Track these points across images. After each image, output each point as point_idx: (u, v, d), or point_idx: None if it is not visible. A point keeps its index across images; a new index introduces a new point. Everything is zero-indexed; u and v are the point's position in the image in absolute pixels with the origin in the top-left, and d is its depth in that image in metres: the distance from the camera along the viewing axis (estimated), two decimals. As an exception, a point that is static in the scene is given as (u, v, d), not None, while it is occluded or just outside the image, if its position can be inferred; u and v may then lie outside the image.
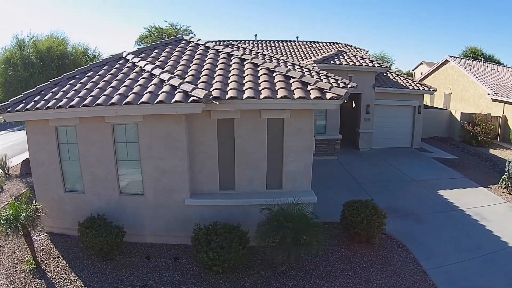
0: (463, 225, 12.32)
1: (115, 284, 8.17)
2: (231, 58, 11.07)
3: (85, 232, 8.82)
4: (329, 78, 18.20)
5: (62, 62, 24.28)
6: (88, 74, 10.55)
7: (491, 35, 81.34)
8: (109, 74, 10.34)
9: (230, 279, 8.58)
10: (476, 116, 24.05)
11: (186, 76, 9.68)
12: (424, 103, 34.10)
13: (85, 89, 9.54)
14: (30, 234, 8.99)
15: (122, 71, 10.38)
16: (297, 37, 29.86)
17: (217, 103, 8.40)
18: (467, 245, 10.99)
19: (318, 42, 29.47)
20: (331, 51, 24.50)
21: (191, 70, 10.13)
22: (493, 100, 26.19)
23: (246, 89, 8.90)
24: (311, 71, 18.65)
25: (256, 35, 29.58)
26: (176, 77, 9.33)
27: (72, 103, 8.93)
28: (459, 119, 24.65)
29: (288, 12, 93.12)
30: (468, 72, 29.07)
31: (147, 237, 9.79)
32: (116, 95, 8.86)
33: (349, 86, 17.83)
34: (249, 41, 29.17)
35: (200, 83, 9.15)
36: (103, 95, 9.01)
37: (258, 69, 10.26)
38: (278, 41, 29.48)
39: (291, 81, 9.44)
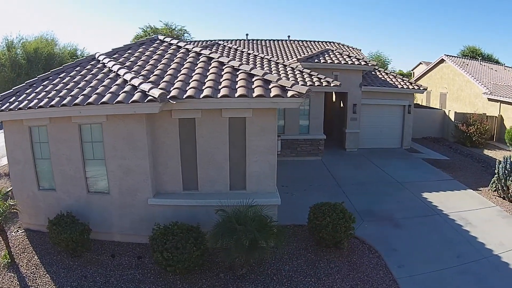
0: (444, 230, 11.36)
1: (79, 280, 8.30)
2: (199, 57, 10.82)
3: (52, 229, 8.95)
4: (312, 77, 17.56)
5: (49, 62, 23.91)
6: (61, 75, 10.62)
7: (491, 35, 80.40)
8: (79, 75, 10.34)
9: (188, 280, 8.34)
10: (470, 116, 22.99)
11: (151, 76, 9.56)
12: (419, 102, 33.77)
13: (55, 90, 9.66)
14: (4, 229, 9.21)
15: (92, 72, 10.40)
16: (289, 36, 29.12)
17: (174, 102, 8.21)
18: (446, 253, 10.05)
19: (310, 41, 28.58)
20: (321, 49, 23.51)
21: (157, 70, 9.97)
22: (489, 99, 25.09)
23: (205, 88, 8.66)
24: (294, 70, 17.98)
25: (247, 34, 28.98)
26: (140, 77, 9.28)
27: (41, 103, 9.05)
28: (453, 119, 23.57)
29: (290, 11, 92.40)
30: (464, 71, 27.96)
31: (115, 235, 9.74)
32: (81, 95, 8.90)
33: (332, 85, 17.12)
34: (240, 40, 28.46)
35: (162, 82, 9.02)
36: (69, 95, 9.07)
37: (223, 67, 9.98)
38: (269, 40, 28.67)
39: (253, 79, 9.09)
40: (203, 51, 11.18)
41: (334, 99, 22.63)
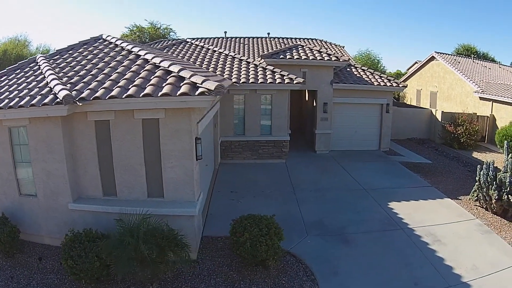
0: (405, 249, 9.06)
1: (6, 281, 7.95)
2: (129, 55, 10.05)
3: (-17, 230, 8.61)
4: (275, 74, 15.53)
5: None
6: (2, 79, 10.16)
7: (489, 34, 76.35)
8: (15, 79, 9.88)
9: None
10: (459, 116, 20.39)
11: (75, 76, 8.98)
12: (407, 102, 31.19)
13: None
14: None
15: (26, 75, 9.89)
16: (268, 33, 26.92)
17: (80, 104, 7.56)
18: (400, 278, 7.86)
19: (291, 38, 26.38)
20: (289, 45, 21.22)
21: (84, 70, 9.34)
22: (481, 98, 22.49)
23: (115, 87, 7.89)
24: (257, 67, 15.90)
25: (225, 32, 26.89)
26: (65, 78, 8.83)
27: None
28: (440, 119, 20.97)
29: (286, 10, 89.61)
30: (455, 69, 25.35)
31: (44, 238, 9.22)
32: (6, 99, 8.47)
33: (295, 82, 14.89)
34: (219, 38, 26.38)
35: (80, 83, 8.45)
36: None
37: (145, 65, 9.14)
38: (248, 37, 26.54)
39: (168, 76, 8.23)
40: (134, 48, 10.39)
41: (307, 98, 20.26)
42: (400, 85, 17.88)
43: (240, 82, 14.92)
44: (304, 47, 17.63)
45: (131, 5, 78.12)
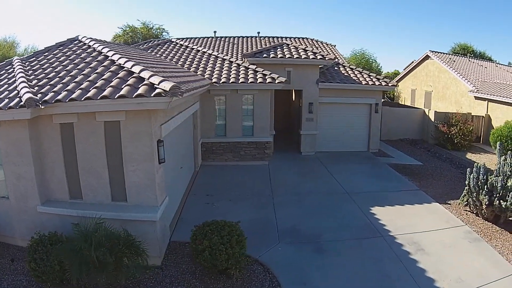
0: (384, 259, 8.26)
1: None
2: (98, 57, 9.63)
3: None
4: (257, 73, 14.72)
5: (3, 65, 21.85)
6: None
7: (488, 34, 75.13)
8: None
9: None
10: (453, 116, 19.45)
11: (44, 79, 8.64)
12: (401, 102, 30.22)
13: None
14: None
15: (0, 78, 9.54)
16: (258, 33, 26.01)
17: (42, 107, 7.32)
18: None
19: (281, 37, 25.44)
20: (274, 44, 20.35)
21: (53, 72, 9.01)
22: (476, 98, 21.53)
23: (77, 90, 7.56)
24: (239, 67, 15.09)
25: (215, 32, 26.08)
26: (35, 81, 8.56)
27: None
28: (433, 119, 20.02)
29: (288, 10, 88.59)
30: (449, 68, 24.40)
31: (18, 240, 8.98)
32: None
33: (277, 81, 14.05)
34: (207, 38, 25.67)
35: (47, 86, 8.19)
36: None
37: (111, 66, 8.77)
38: (238, 37, 25.71)
39: (130, 77, 7.86)
40: (104, 49, 9.96)
41: (294, 98, 19.39)
42: (390, 84, 16.96)
43: (220, 82, 14.08)
44: (290, 46, 16.75)
45: (131, 5, 77.42)
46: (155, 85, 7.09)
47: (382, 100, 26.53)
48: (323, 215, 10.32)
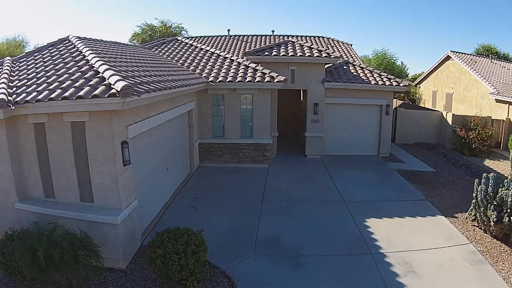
0: (365, 282, 7.19)
1: None
2: (77, 57, 9.26)
3: None
4: (256, 72, 13.81)
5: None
6: None
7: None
8: None
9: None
10: (471, 119, 17.80)
11: (24, 79, 8.52)
12: (422, 104, 28.39)
13: None
14: None
15: None
16: (273, 31, 24.95)
17: (13, 107, 7.28)
18: None
19: (296, 36, 24.33)
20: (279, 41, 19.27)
21: (34, 73, 8.83)
22: (497, 101, 19.70)
23: (45, 90, 7.36)
24: (240, 65, 14.29)
25: (229, 30, 25.30)
26: (16, 81, 8.47)
27: None
28: (450, 122, 18.43)
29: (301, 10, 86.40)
30: (470, 69, 22.52)
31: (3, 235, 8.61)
32: None
33: (275, 80, 13.09)
34: (221, 36, 24.98)
35: (23, 87, 8.06)
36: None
37: (83, 66, 8.50)
38: (252, 35, 24.86)
39: (95, 77, 7.58)
40: (84, 48, 9.62)
41: (302, 98, 18.30)
42: (401, 85, 15.54)
43: (217, 81, 13.23)
44: (295, 43, 15.70)
45: (151, 5, 77.51)
46: (111, 85, 6.79)
47: (401, 102, 25.11)
48: (310, 225, 9.30)
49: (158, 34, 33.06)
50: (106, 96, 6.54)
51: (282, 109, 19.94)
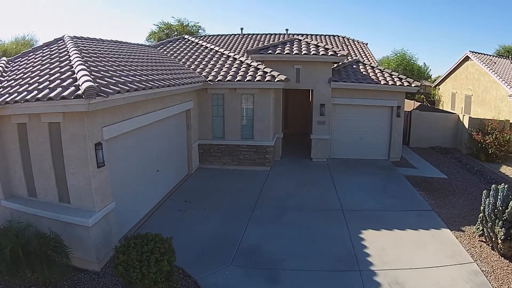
0: None
1: None
2: (63, 57, 9.01)
3: None
4: (258, 71, 13.14)
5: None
6: None
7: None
8: None
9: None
10: (488, 123, 16.51)
11: (11, 80, 8.47)
12: (441, 106, 26.92)
13: None
14: None
15: None
16: (287, 30, 24.25)
17: None
18: None
19: (311, 35, 23.42)
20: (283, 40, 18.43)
21: (21, 74, 8.74)
22: (517, 103, 18.23)
23: (24, 91, 7.26)
24: (241, 64, 13.71)
25: (242, 29, 24.92)
26: (4, 82, 8.42)
27: None
28: (467, 126, 17.18)
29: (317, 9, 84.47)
30: (489, 70, 21.02)
31: None
32: None
33: (276, 79, 12.41)
34: (235, 35, 24.40)
35: (8, 87, 8.00)
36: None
37: (64, 67, 8.22)
38: (265, 34, 24.14)
39: (69, 78, 7.35)
40: (72, 49, 9.33)
41: (311, 99, 17.46)
42: (413, 85, 14.47)
43: (216, 80, 12.62)
44: (301, 41, 14.88)
45: (171, 4, 77.38)
46: (79, 86, 6.60)
47: (419, 104, 23.81)
48: (300, 235, 8.57)
49: (176, 33, 32.82)
50: (72, 97, 6.32)
51: (290, 109, 19.15)
